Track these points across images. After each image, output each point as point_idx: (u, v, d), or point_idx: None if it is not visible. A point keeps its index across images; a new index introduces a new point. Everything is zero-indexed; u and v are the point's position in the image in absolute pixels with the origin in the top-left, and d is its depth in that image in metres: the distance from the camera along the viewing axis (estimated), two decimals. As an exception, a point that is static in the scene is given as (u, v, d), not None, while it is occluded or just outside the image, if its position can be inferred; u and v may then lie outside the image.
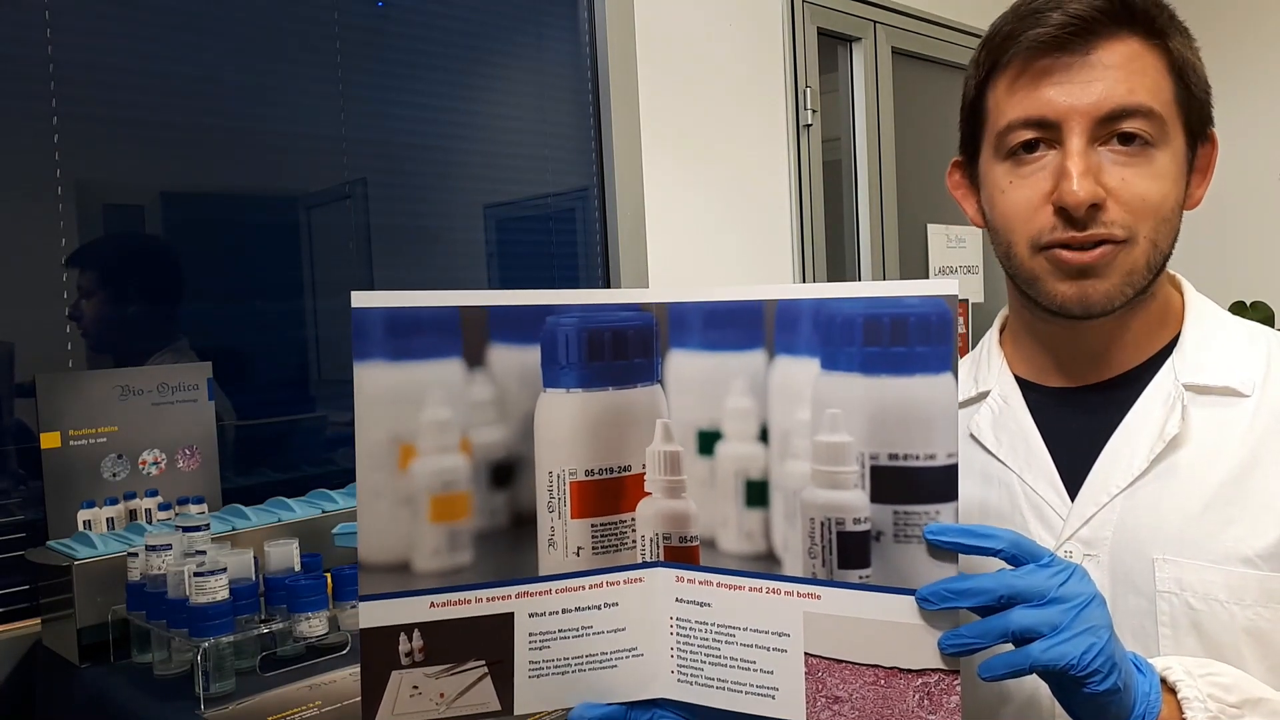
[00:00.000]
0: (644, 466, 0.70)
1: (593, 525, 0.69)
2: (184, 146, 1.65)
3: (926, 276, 3.02)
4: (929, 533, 0.65)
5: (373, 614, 0.65)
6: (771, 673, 0.68)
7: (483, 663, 0.67)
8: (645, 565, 0.70)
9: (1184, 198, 0.82)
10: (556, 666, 0.68)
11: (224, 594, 1.14)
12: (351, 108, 1.84)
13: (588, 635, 0.69)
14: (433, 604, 0.65)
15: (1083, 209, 0.77)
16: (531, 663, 0.68)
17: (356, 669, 1.18)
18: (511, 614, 0.67)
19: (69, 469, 1.43)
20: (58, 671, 1.31)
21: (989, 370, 0.92)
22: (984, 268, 3.24)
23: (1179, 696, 0.69)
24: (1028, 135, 0.80)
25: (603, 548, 0.70)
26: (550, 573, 0.68)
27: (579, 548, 0.69)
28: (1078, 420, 0.85)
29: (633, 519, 0.70)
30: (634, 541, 0.70)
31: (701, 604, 0.70)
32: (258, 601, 1.23)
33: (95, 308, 1.55)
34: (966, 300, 3.16)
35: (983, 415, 0.89)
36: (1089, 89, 0.78)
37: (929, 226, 3.04)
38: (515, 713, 0.68)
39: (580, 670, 0.69)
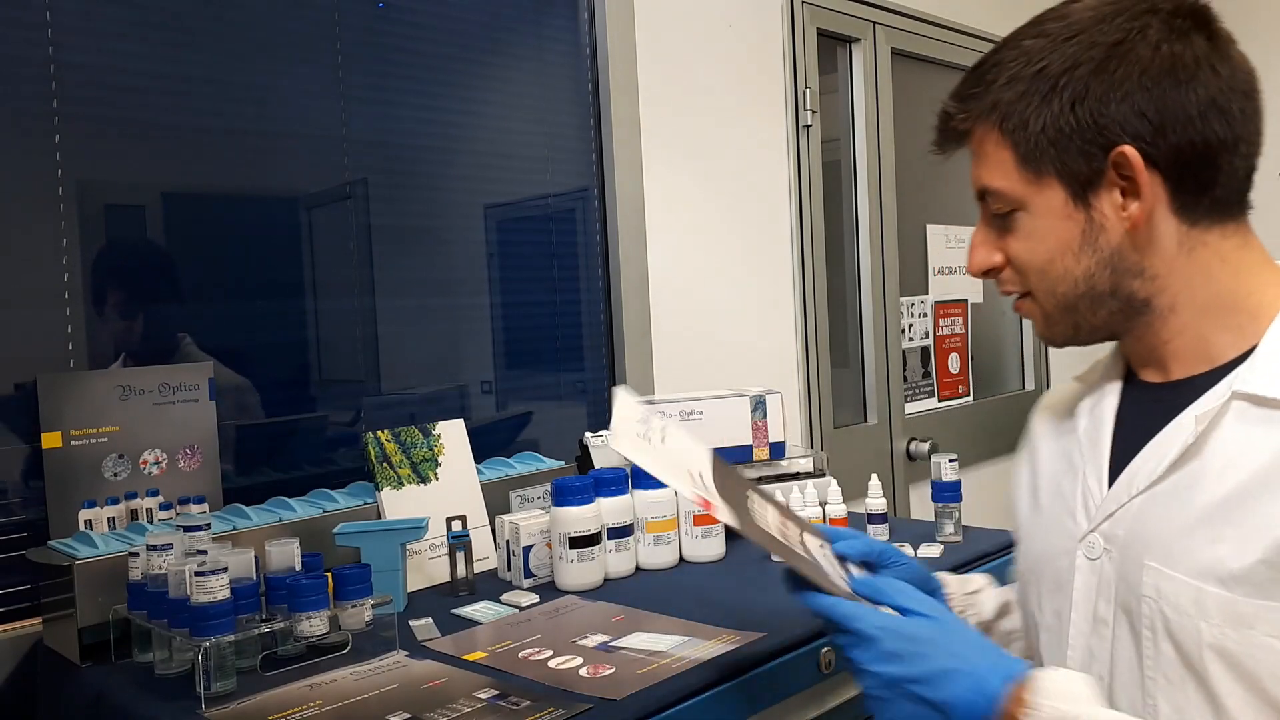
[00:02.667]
0: None
1: None
2: (184, 146, 1.65)
3: (926, 277, 3.03)
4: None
5: None
6: None
7: None
8: None
9: (1087, 236, 0.87)
10: None
11: (225, 593, 1.14)
12: (351, 108, 1.84)
13: None
14: None
15: (976, 275, 0.95)
16: None
17: (357, 668, 1.19)
18: None
19: (70, 469, 1.43)
20: (59, 671, 1.31)
21: (1107, 363, 0.99)
22: (983, 268, 3.24)
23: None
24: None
25: None
26: None
27: None
28: (1144, 415, 0.90)
29: None
30: None
31: None
32: (258, 601, 1.23)
33: (124, 311, 1.57)
34: (965, 300, 3.16)
35: (1085, 403, 0.98)
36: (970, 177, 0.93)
37: (928, 227, 3.04)
38: None
39: None
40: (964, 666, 0.80)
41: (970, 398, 3.18)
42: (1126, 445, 0.90)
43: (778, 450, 1.73)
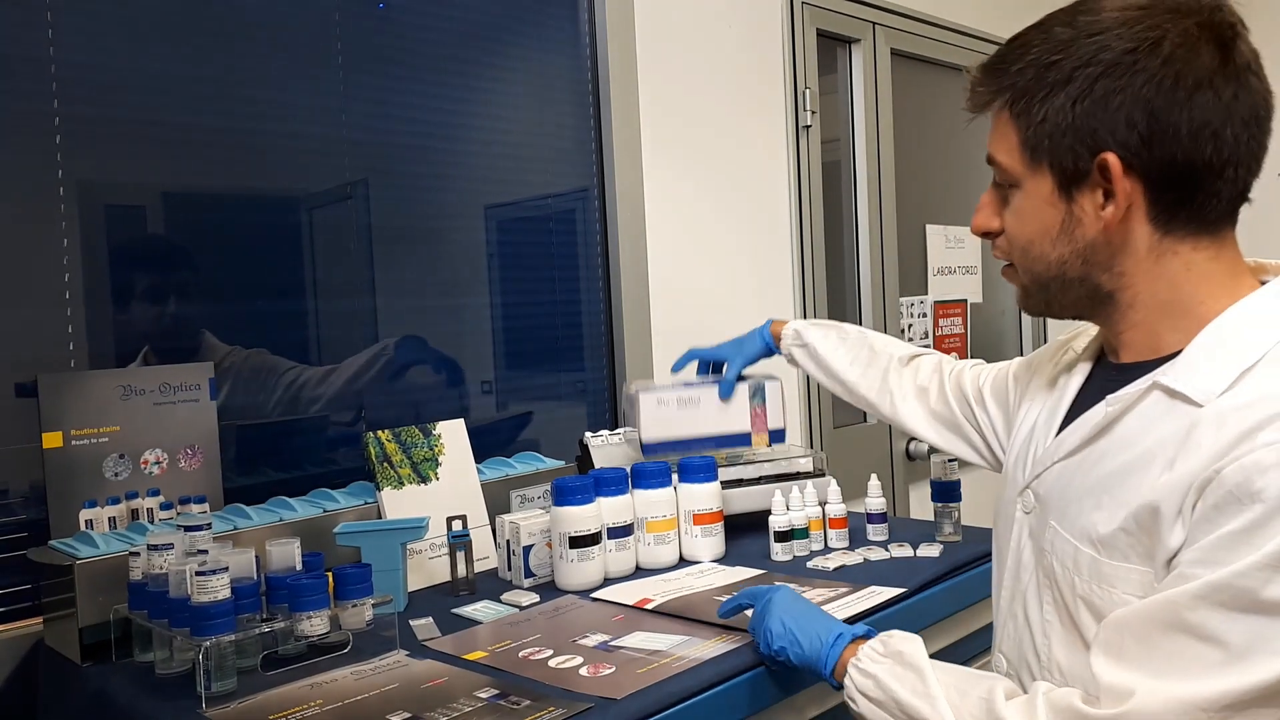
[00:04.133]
0: None
1: None
2: (185, 147, 1.65)
3: (926, 277, 3.03)
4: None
5: None
6: None
7: None
8: None
9: (1065, 227, 0.92)
10: None
11: (225, 593, 1.14)
12: (352, 108, 1.84)
13: None
14: None
15: (976, 234, 1.01)
16: None
17: (358, 667, 1.19)
18: None
19: (71, 469, 1.43)
20: (59, 671, 1.31)
21: (1091, 342, 1.06)
22: (982, 268, 3.24)
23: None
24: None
25: None
26: None
27: None
28: (1096, 391, 0.99)
29: None
30: None
31: None
32: (259, 600, 1.23)
33: (122, 311, 1.57)
34: (965, 300, 3.16)
35: (1064, 374, 1.07)
36: None
37: (927, 227, 3.04)
38: None
39: None
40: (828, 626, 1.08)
41: (970, 398, 3.17)
42: (1075, 416, 0.99)
43: (777, 436, 1.72)
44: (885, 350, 1.54)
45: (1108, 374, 0.99)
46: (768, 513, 1.59)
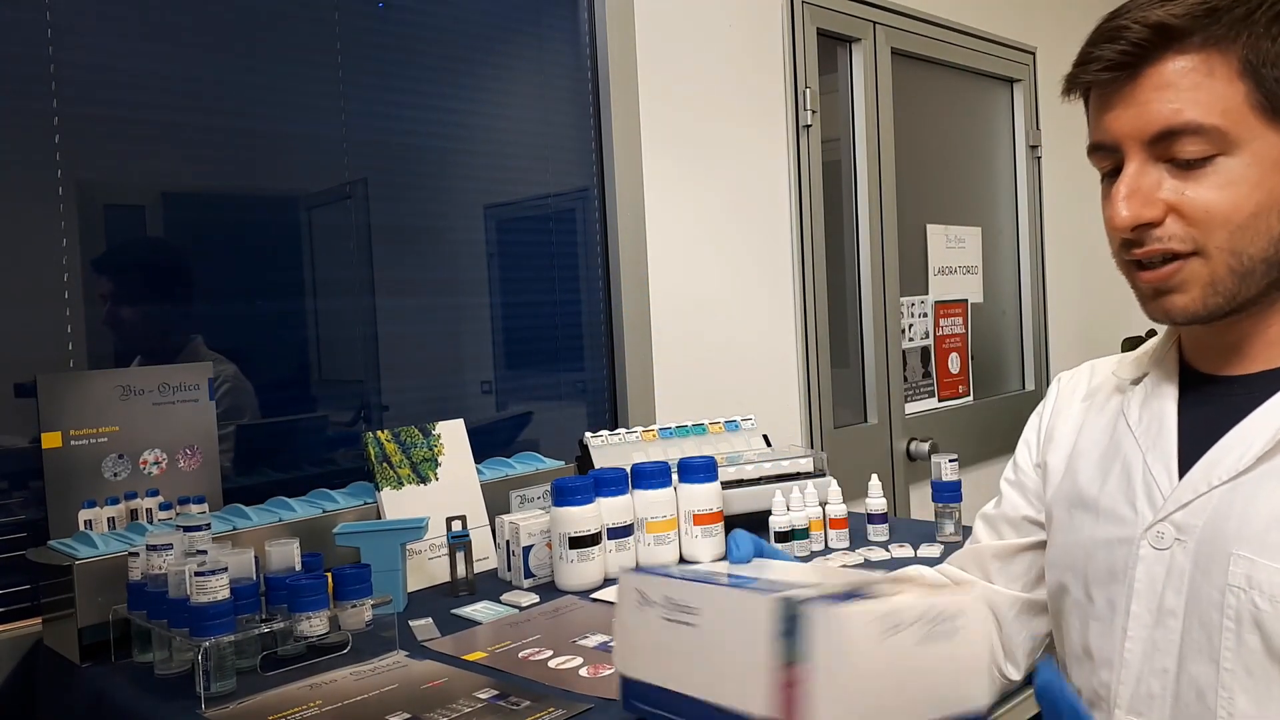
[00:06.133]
0: None
1: None
2: (184, 147, 1.65)
3: (926, 277, 3.03)
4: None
5: None
6: None
7: None
8: None
9: None
10: None
11: (225, 593, 1.14)
12: (351, 108, 1.84)
13: None
14: None
15: (1125, 231, 0.81)
16: None
17: (357, 668, 1.19)
18: None
19: (70, 469, 1.43)
20: (58, 671, 1.31)
21: (1156, 356, 0.95)
22: (983, 268, 3.24)
23: None
24: (1101, 160, 0.85)
25: None
26: None
27: None
28: (1213, 407, 0.86)
29: None
30: None
31: None
32: (258, 601, 1.23)
33: (123, 311, 1.57)
34: (965, 300, 3.16)
35: (1135, 394, 0.93)
36: (1137, 113, 0.80)
37: (928, 227, 3.04)
38: None
39: None
40: None
41: (970, 398, 3.18)
42: (1196, 436, 0.86)
43: None
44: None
45: (1219, 387, 0.87)
46: (768, 513, 1.59)
